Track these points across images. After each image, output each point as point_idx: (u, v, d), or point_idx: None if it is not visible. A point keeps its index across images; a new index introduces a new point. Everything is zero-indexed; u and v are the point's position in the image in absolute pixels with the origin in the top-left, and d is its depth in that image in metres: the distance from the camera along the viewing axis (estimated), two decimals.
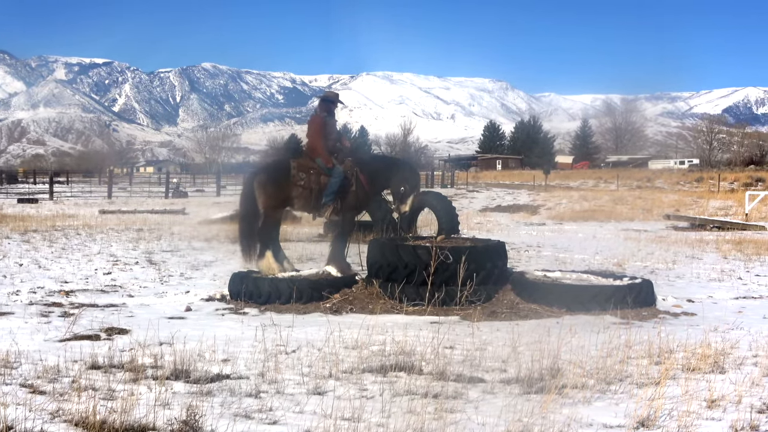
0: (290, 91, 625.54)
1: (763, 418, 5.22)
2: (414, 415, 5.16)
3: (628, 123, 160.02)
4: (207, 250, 16.62)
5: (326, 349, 7.13)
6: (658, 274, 13.24)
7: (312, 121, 11.55)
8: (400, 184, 11.32)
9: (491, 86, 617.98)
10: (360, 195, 11.27)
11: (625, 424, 5.09)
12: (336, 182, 11.06)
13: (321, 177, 11.13)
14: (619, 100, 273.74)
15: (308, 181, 11.10)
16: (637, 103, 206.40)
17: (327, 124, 11.45)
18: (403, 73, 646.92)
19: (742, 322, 8.86)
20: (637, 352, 7.14)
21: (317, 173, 11.15)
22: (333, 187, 11.06)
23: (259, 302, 9.89)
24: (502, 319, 9.21)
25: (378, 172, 11.43)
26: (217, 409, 5.26)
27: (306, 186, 11.10)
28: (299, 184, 11.10)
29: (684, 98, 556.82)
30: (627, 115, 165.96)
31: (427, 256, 9.69)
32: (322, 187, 11.10)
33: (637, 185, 63.23)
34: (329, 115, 11.58)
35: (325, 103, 11.62)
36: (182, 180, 70.12)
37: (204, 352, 6.93)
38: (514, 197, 47.59)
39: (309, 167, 11.19)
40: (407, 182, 11.32)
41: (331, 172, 11.08)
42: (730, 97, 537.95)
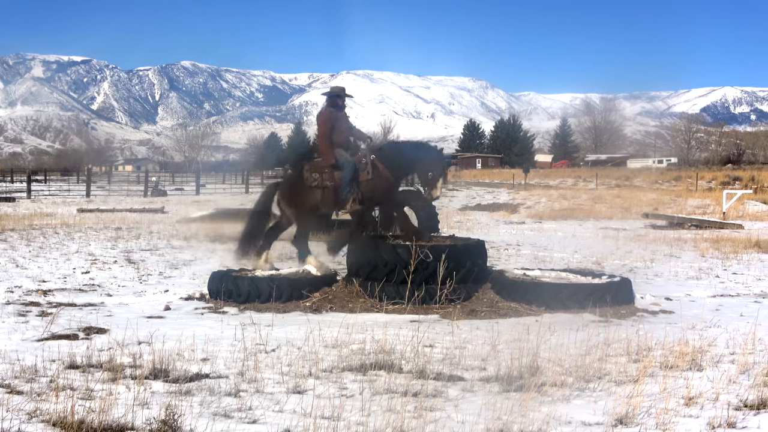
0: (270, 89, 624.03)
1: (740, 415, 5.25)
2: (394, 413, 5.16)
3: (607, 122, 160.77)
4: (186, 249, 16.56)
5: (306, 348, 7.12)
6: (637, 273, 13.32)
7: (320, 118, 11.38)
8: (427, 169, 11.00)
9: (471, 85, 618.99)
10: (379, 183, 10.98)
11: (604, 422, 5.11)
12: (348, 174, 10.84)
13: (335, 173, 10.97)
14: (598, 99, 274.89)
15: (323, 181, 11.00)
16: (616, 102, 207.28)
17: (335, 118, 11.26)
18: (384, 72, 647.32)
19: (719, 320, 8.93)
20: (615, 350, 7.18)
21: (330, 170, 11.00)
22: (346, 178, 10.85)
23: (239, 301, 9.86)
24: (482, 317, 9.24)
25: (398, 159, 11.14)
26: (197, 409, 5.25)
27: (322, 186, 11.02)
28: (316, 186, 11.03)
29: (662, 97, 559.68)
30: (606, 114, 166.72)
31: (407, 254, 9.70)
32: (338, 183, 10.95)
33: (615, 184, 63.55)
34: (337, 109, 11.35)
35: (331, 98, 11.41)
36: (161, 178, 69.89)
37: (183, 351, 6.90)
38: (494, 196, 47.69)
39: (322, 167, 11.07)
40: (434, 167, 11.00)
41: (341, 164, 10.91)
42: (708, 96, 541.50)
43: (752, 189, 44.94)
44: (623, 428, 5.03)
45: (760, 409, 5.42)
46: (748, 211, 34.24)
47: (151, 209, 32.25)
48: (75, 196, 45.21)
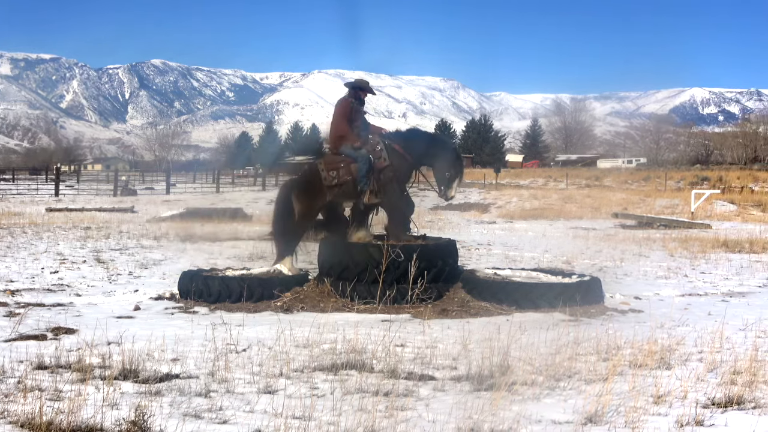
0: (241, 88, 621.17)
1: (707, 413, 5.31)
2: (365, 413, 5.16)
3: (578, 122, 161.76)
4: (156, 249, 16.46)
5: (277, 348, 7.10)
6: (607, 272, 13.42)
7: (339, 104, 11.19)
8: (446, 168, 10.92)
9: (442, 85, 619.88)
10: (400, 165, 10.81)
11: (574, 420, 5.14)
12: (362, 166, 10.68)
13: (351, 166, 10.77)
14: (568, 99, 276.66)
15: (339, 176, 10.79)
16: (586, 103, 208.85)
17: (354, 109, 11.10)
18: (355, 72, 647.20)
19: (687, 319, 9.01)
20: (585, 348, 7.22)
21: (347, 165, 10.79)
22: (361, 171, 10.68)
23: (210, 301, 9.82)
24: (453, 316, 9.26)
25: (418, 144, 10.99)
26: (167, 409, 5.21)
27: (340, 182, 10.80)
28: (333, 183, 10.82)
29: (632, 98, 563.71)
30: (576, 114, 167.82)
31: (379, 254, 9.71)
32: (355, 176, 10.75)
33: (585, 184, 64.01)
34: (358, 102, 11.20)
35: (355, 90, 11.25)
36: (131, 178, 69.35)
37: (153, 351, 6.86)
38: (465, 195, 47.79)
39: (337, 162, 10.86)
40: (453, 167, 10.97)
41: (356, 157, 10.74)
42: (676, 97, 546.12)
43: (720, 189, 45.45)
44: (593, 426, 5.06)
45: (727, 407, 5.48)
46: (716, 211, 34.61)
47: (120, 209, 32.05)
48: (43, 195, 44.79)
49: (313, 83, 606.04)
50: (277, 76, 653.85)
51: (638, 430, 5.00)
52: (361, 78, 11.51)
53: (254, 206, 34.46)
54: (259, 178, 73.11)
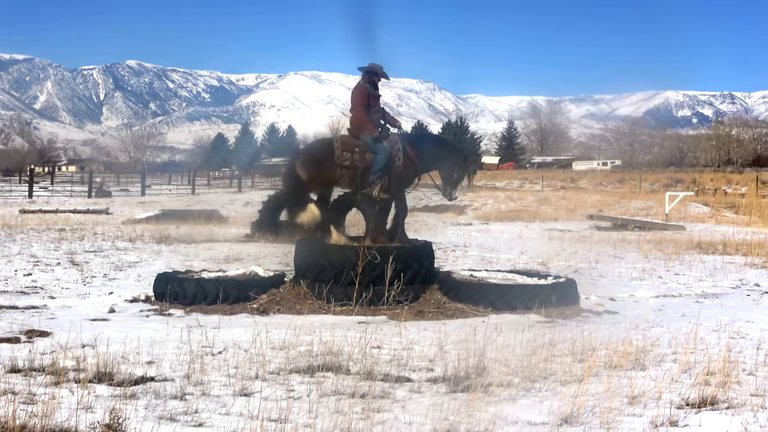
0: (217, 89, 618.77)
1: (681, 413, 5.35)
2: (341, 415, 5.16)
3: (553, 125, 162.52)
4: (131, 251, 16.36)
5: (253, 350, 7.08)
6: (582, 274, 13.48)
7: (355, 91, 11.02)
8: (453, 169, 10.94)
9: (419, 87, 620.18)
10: (408, 169, 10.82)
11: (549, 421, 5.16)
12: (382, 159, 10.60)
13: (366, 155, 10.66)
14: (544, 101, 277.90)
15: (353, 161, 10.65)
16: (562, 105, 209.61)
17: (371, 95, 10.97)
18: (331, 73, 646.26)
19: (662, 320, 9.08)
20: (560, 350, 7.25)
21: (362, 151, 10.67)
22: (379, 164, 10.60)
23: (185, 303, 9.76)
24: (429, 318, 9.27)
25: (428, 149, 10.96)
26: (141, 412, 5.18)
27: (351, 166, 10.66)
28: (344, 164, 10.65)
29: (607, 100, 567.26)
30: (552, 116, 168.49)
31: (355, 256, 9.70)
32: (368, 165, 10.65)
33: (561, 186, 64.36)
34: (372, 87, 11.03)
35: (369, 75, 11.03)
36: (106, 179, 68.92)
37: (128, 354, 6.82)
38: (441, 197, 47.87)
39: (354, 146, 10.71)
40: (461, 168, 10.98)
41: (376, 149, 10.62)
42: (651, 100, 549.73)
43: (694, 191, 45.81)
44: (568, 427, 5.09)
45: (701, 407, 5.52)
46: (690, 213, 34.88)
47: (95, 210, 31.83)
48: (17, 197, 44.39)
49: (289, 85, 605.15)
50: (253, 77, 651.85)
51: (613, 430, 5.03)
52: (375, 63, 11.15)
53: (230, 208, 34.37)
54: (235, 179, 72.92)
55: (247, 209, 32.33)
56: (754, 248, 17.99)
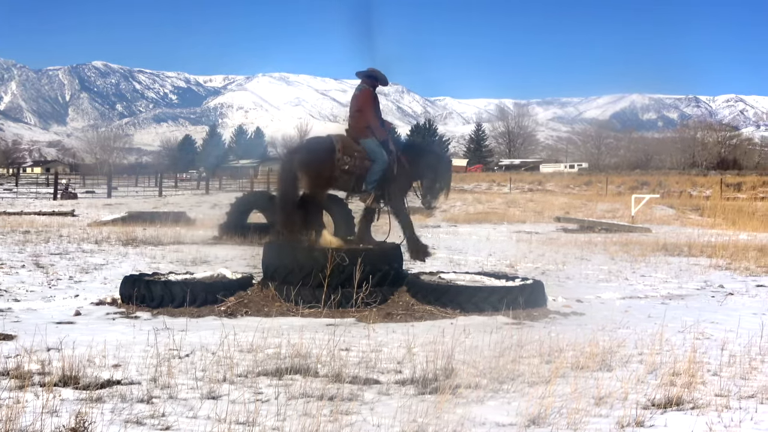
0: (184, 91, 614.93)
1: (647, 413, 5.39)
2: (309, 417, 5.15)
3: (521, 127, 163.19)
4: (97, 253, 16.21)
5: (221, 353, 7.05)
6: (549, 275, 13.56)
7: (361, 94, 10.83)
8: (435, 179, 10.92)
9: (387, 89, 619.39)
10: (402, 179, 10.76)
11: (517, 423, 5.19)
12: (379, 170, 10.52)
13: (365, 162, 10.54)
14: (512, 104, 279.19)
15: (352, 165, 10.49)
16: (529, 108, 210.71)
17: (376, 98, 10.90)
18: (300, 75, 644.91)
19: (628, 322, 9.15)
20: (528, 351, 7.29)
21: (361, 157, 10.53)
22: (375, 175, 10.52)
23: (152, 306, 9.69)
24: (398, 320, 9.28)
25: (421, 158, 10.92)
26: (108, 416, 5.14)
27: (349, 170, 10.51)
28: (343, 168, 10.48)
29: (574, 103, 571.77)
30: (519, 119, 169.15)
31: (323, 258, 9.69)
32: (364, 171, 10.54)
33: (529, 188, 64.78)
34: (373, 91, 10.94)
35: (370, 79, 10.90)
36: (72, 181, 68.17)
37: (94, 357, 6.75)
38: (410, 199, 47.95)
39: (354, 150, 10.55)
40: (443, 178, 10.96)
41: (375, 157, 10.51)
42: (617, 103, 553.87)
43: (659, 194, 46.24)
44: (536, 428, 5.11)
45: (666, 407, 5.57)
46: (656, 215, 35.19)
47: (60, 212, 31.49)
48: None
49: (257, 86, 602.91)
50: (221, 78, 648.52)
51: (580, 431, 5.07)
52: (374, 68, 10.99)
53: (198, 210, 34.14)
54: (202, 181, 72.49)
55: (214, 211, 32.11)
56: (719, 250, 18.20)
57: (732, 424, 5.20)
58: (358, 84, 11.06)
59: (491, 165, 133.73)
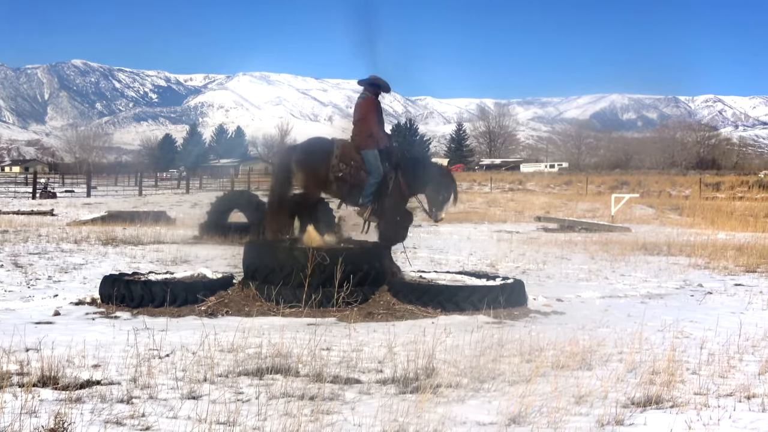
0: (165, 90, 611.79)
1: (627, 412, 5.42)
2: (290, 417, 5.14)
3: (501, 127, 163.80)
4: (77, 253, 16.12)
5: (201, 353, 7.02)
6: (530, 275, 13.60)
7: (363, 103, 10.83)
8: (439, 191, 10.92)
9: None
10: (396, 197, 10.74)
11: (498, 421, 5.20)
12: (374, 184, 10.51)
13: (360, 173, 10.54)
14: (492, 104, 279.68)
15: (347, 174, 10.51)
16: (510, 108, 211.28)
17: (379, 106, 10.90)
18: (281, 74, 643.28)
19: (608, 321, 9.19)
20: (509, 350, 7.31)
21: (357, 167, 10.54)
22: (370, 188, 10.51)
23: (132, 306, 9.64)
24: (379, 320, 9.29)
25: (417, 176, 10.92)
26: (87, 416, 5.11)
27: (344, 178, 10.53)
28: (338, 174, 10.51)
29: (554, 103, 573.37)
30: (500, 119, 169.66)
31: (304, 258, 9.67)
32: (359, 183, 10.54)
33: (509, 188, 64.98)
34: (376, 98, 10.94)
35: (372, 87, 10.90)
36: (50, 180, 67.80)
37: (73, 357, 6.72)
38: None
39: (351, 159, 10.56)
40: (447, 190, 10.95)
41: (371, 170, 10.48)
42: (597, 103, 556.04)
43: (639, 193, 46.49)
44: (516, 427, 5.13)
45: (646, 406, 5.61)
46: (635, 215, 35.36)
47: (39, 212, 31.29)
48: None
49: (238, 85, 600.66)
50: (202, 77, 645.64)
51: (560, 430, 5.09)
52: (375, 75, 11.01)
53: (178, 209, 34.06)
54: (182, 181, 72.20)
55: (195, 211, 32.03)
56: (698, 249, 18.31)
57: (711, 422, 5.24)
58: (360, 92, 11.09)
59: (472, 164, 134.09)
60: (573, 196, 49.27)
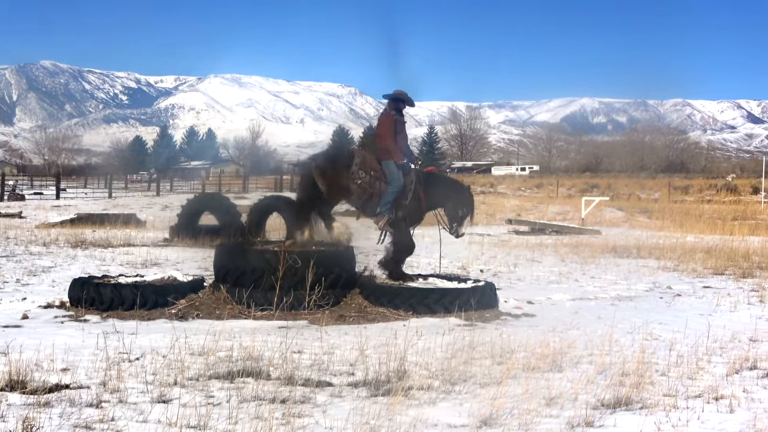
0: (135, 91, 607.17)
1: (597, 413, 5.46)
2: (261, 420, 5.13)
3: (473, 130, 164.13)
4: (45, 255, 15.97)
5: (171, 356, 6.99)
6: (501, 277, 13.66)
7: (382, 118, 11.03)
8: (458, 206, 10.97)
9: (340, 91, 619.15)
10: (413, 208, 10.85)
11: (469, 424, 5.22)
12: (393, 193, 10.59)
13: (380, 183, 10.65)
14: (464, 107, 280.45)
15: (366, 183, 10.63)
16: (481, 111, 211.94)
17: (398, 122, 11.00)
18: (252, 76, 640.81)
19: (578, 323, 9.25)
20: (480, 352, 7.33)
21: (377, 177, 10.66)
22: (389, 197, 10.59)
23: (101, 309, 9.57)
24: (351, 322, 9.28)
25: (436, 190, 11.03)
26: (56, 421, 5.07)
27: (363, 186, 10.63)
28: (357, 182, 10.62)
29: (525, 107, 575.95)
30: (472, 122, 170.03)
31: (275, 260, 9.65)
32: (378, 193, 10.64)
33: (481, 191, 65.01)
34: (398, 113, 11.06)
35: (395, 102, 11.01)
36: (19, 182, 67.05)
37: (42, 361, 6.65)
38: None
39: (371, 168, 10.69)
40: (466, 205, 11.02)
41: (391, 180, 10.61)
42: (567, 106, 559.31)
43: (609, 196, 46.84)
44: (488, 429, 5.15)
45: (616, 407, 5.65)
46: (605, 217, 35.58)
47: (7, 214, 30.98)
48: None
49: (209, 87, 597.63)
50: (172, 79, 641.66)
51: (531, 431, 5.11)
52: (400, 90, 11.17)
53: (148, 212, 33.85)
54: (153, 183, 71.77)
55: (165, 213, 31.87)
56: (667, 252, 18.47)
57: (680, 423, 5.29)
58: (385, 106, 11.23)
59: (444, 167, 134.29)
60: (544, 199, 49.50)
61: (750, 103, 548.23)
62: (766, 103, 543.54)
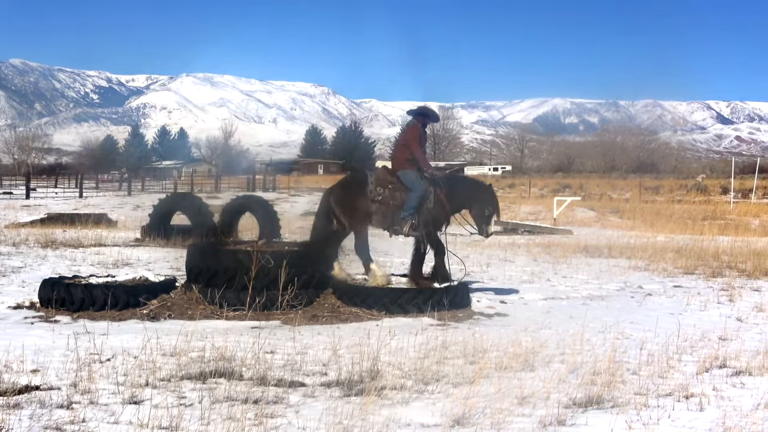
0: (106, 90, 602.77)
1: (569, 412, 5.49)
2: (234, 421, 5.11)
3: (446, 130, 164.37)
4: (15, 255, 15.81)
5: (143, 357, 6.94)
6: (473, 277, 13.69)
7: (409, 128, 11.29)
8: (484, 206, 11.21)
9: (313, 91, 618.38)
10: (437, 212, 11.02)
11: (442, 423, 5.23)
12: (416, 197, 10.78)
13: (399, 193, 10.87)
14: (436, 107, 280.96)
15: (386, 197, 10.88)
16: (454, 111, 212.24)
17: (423, 134, 11.34)
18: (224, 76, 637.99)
19: (550, 322, 9.30)
20: (453, 352, 7.35)
21: (395, 188, 10.90)
22: (413, 201, 10.79)
23: (72, 309, 9.49)
24: (324, 322, 9.27)
25: (458, 192, 11.24)
26: (26, 422, 5.02)
27: (384, 202, 10.88)
28: (377, 200, 10.88)
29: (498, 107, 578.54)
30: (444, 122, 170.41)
31: (248, 260, 9.62)
32: (400, 203, 10.85)
33: None
34: (422, 127, 11.36)
35: (423, 117, 11.36)
36: None
37: (11, 362, 6.59)
38: None
39: (387, 182, 10.95)
40: (490, 205, 11.24)
41: (413, 186, 10.82)
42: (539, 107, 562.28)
43: (581, 196, 47.11)
44: (460, 428, 5.16)
45: (587, 406, 5.68)
46: (577, 217, 35.80)
47: None
48: None
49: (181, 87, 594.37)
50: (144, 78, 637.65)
51: (503, 431, 5.13)
52: (425, 106, 11.62)
53: (119, 211, 33.64)
54: (124, 182, 71.27)
55: (137, 213, 31.69)
56: (638, 251, 18.60)
57: (650, 421, 5.33)
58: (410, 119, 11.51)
59: None
60: (516, 198, 49.69)
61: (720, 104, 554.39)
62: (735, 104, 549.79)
